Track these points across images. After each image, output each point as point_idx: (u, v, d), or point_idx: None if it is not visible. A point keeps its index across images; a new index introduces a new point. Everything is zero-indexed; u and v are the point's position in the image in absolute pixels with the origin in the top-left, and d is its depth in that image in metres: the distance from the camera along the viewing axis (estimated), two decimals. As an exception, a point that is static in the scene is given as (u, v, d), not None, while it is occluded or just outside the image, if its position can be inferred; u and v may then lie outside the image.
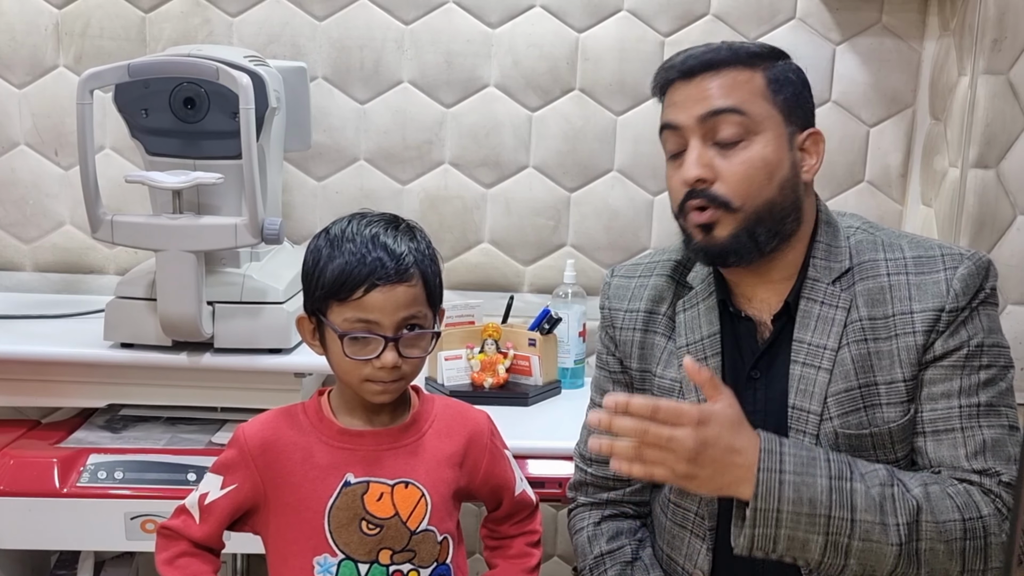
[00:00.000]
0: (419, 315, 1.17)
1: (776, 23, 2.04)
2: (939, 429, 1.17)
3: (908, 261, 1.21)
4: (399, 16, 2.04)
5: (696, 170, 1.18)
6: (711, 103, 1.18)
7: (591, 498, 1.38)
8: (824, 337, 1.21)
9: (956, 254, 1.21)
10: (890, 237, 1.25)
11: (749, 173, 1.18)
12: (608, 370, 1.37)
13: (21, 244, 2.10)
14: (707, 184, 1.18)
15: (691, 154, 1.19)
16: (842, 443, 1.19)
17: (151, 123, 1.66)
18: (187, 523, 1.21)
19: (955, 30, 1.90)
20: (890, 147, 2.09)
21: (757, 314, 1.26)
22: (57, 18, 2.02)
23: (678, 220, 1.25)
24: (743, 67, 1.20)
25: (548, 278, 2.11)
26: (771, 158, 1.19)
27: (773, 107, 1.20)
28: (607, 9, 2.03)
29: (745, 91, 1.19)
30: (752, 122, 1.18)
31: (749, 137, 1.18)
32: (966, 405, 1.17)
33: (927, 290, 1.19)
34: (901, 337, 1.18)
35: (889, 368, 1.19)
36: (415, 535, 1.20)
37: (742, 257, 1.20)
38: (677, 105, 1.21)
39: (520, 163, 2.09)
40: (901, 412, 1.18)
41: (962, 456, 1.16)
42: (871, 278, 1.22)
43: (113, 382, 1.75)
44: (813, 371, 1.20)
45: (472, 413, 1.30)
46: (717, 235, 1.19)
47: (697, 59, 1.20)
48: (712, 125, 1.18)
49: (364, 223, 1.18)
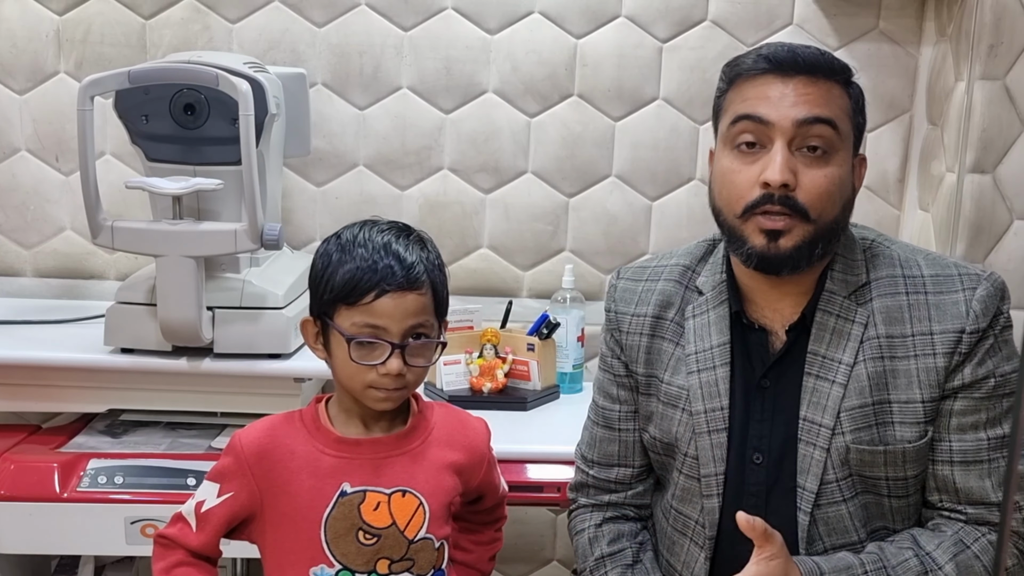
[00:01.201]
0: (426, 324, 1.18)
1: (774, 29, 2.05)
2: (968, 460, 1.19)
3: (926, 280, 1.21)
4: (398, 22, 2.04)
5: (785, 174, 1.14)
6: (812, 109, 1.15)
7: (592, 500, 1.38)
8: (839, 351, 1.20)
9: (973, 274, 1.21)
10: (905, 251, 1.25)
11: (830, 188, 1.16)
12: (612, 373, 1.37)
13: (22, 250, 2.10)
14: (789, 191, 1.15)
15: (778, 156, 1.15)
16: (853, 458, 1.19)
17: (151, 129, 1.66)
18: (184, 531, 1.20)
19: (952, 35, 1.90)
20: (887, 152, 2.09)
21: (770, 324, 1.26)
22: (58, 24, 2.03)
23: (733, 220, 1.20)
24: (836, 81, 1.18)
25: (547, 283, 2.11)
26: (844, 177, 1.19)
27: (852, 128, 1.20)
28: (605, 15, 2.04)
29: (838, 106, 1.17)
30: (839, 139, 1.17)
31: (833, 152, 1.17)
32: (993, 437, 1.19)
33: (946, 311, 1.19)
34: (921, 358, 1.19)
35: (906, 387, 1.19)
36: (413, 544, 1.20)
37: (796, 268, 1.19)
38: (771, 100, 1.16)
39: (519, 168, 2.10)
40: (917, 433, 1.19)
41: (989, 488, 1.19)
42: (889, 295, 1.21)
43: (113, 387, 1.75)
44: (827, 384, 1.20)
45: (472, 422, 1.30)
46: (783, 244, 1.16)
47: (800, 59, 1.16)
48: (805, 132, 1.15)
49: (376, 230, 1.18)
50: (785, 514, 1.22)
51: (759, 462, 1.24)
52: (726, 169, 1.20)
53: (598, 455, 1.37)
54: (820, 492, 1.20)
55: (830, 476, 1.20)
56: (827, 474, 1.20)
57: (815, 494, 1.20)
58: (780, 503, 1.23)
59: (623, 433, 1.36)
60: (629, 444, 1.35)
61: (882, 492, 1.21)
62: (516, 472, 1.65)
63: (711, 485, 1.25)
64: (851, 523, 1.21)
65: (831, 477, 1.20)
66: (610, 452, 1.36)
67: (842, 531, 1.21)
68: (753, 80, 1.18)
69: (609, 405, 1.37)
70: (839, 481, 1.20)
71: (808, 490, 1.20)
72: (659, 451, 1.32)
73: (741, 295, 1.27)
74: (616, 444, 1.36)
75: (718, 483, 1.25)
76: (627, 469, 1.36)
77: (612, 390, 1.37)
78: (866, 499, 1.21)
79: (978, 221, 1.81)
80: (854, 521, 1.21)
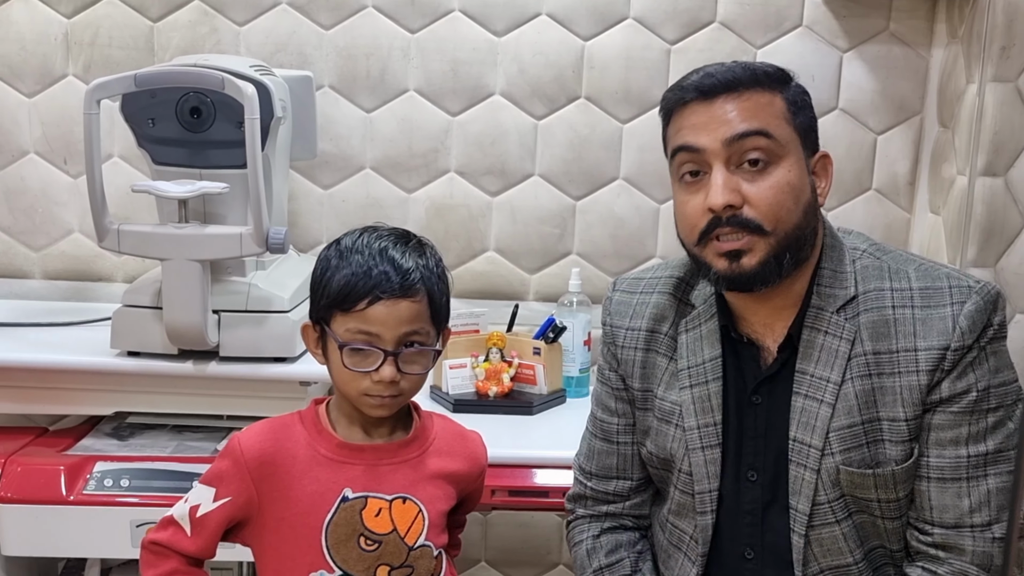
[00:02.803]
0: (421, 332, 1.17)
1: (783, 30, 2.04)
2: (945, 477, 1.15)
3: (915, 293, 1.17)
4: (405, 25, 2.04)
5: (726, 195, 1.12)
6: (737, 125, 1.13)
7: (590, 511, 1.37)
8: (827, 369, 1.18)
9: (964, 287, 1.16)
10: (896, 262, 1.21)
11: (779, 197, 1.13)
12: (610, 386, 1.36)
13: (30, 252, 2.11)
14: (735, 210, 1.14)
15: (717, 179, 1.13)
16: (844, 480, 1.17)
17: (157, 133, 1.67)
18: (177, 536, 1.19)
19: (963, 37, 1.89)
20: (898, 155, 2.08)
21: (760, 339, 1.24)
22: (66, 27, 2.03)
23: (693, 249, 1.19)
24: (764, 89, 1.16)
25: (553, 286, 2.10)
26: (796, 182, 1.15)
27: (793, 131, 1.17)
28: (613, 17, 2.03)
29: (768, 114, 1.15)
30: (778, 145, 1.14)
31: (775, 161, 1.14)
32: (974, 455, 1.15)
33: (933, 326, 1.15)
34: (904, 375, 1.15)
35: (892, 405, 1.16)
36: (413, 550, 1.19)
37: (766, 283, 1.16)
38: (697, 127, 1.15)
39: (526, 171, 2.09)
40: (904, 452, 1.16)
41: (965, 507, 1.15)
42: (875, 310, 1.18)
43: (120, 390, 1.75)
44: (815, 404, 1.18)
45: (471, 435, 1.31)
46: (745, 263, 1.14)
47: (717, 79, 1.15)
48: (738, 148, 1.13)
49: (375, 236, 1.18)
50: (781, 532, 1.21)
51: (754, 479, 1.23)
52: (678, 202, 1.20)
53: (596, 467, 1.36)
54: (813, 513, 1.18)
55: (822, 497, 1.18)
56: (819, 495, 1.18)
57: (807, 515, 1.18)
58: (776, 521, 1.21)
59: (621, 446, 1.35)
60: (627, 457, 1.34)
61: (875, 513, 1.19)
62: (522, 477, 1.64)
63: (705, 501, 1.24)
64: (845, 544, 1.19)
65: (823, 498, 1.18)
66: (608, 464, 1.36)
67: (837, 552, 1.19)
68: (682, 111, 1.18)
69: (607, 418, 1.36)
70: (831, 503, 1.18)
71: (801, 511, 1.18)
72: (656, 466, 1.31)
73: (731, 311, 1.25)
74: (614, 457, 1.35)
75: (712, 499, 1.23)
76: (625, 482, 1.35)
77: (610, 403, 1.36)
78: (860, 519, 1.19)
79: (989, 225, 1.79)
80: (848, 542, 1.19)
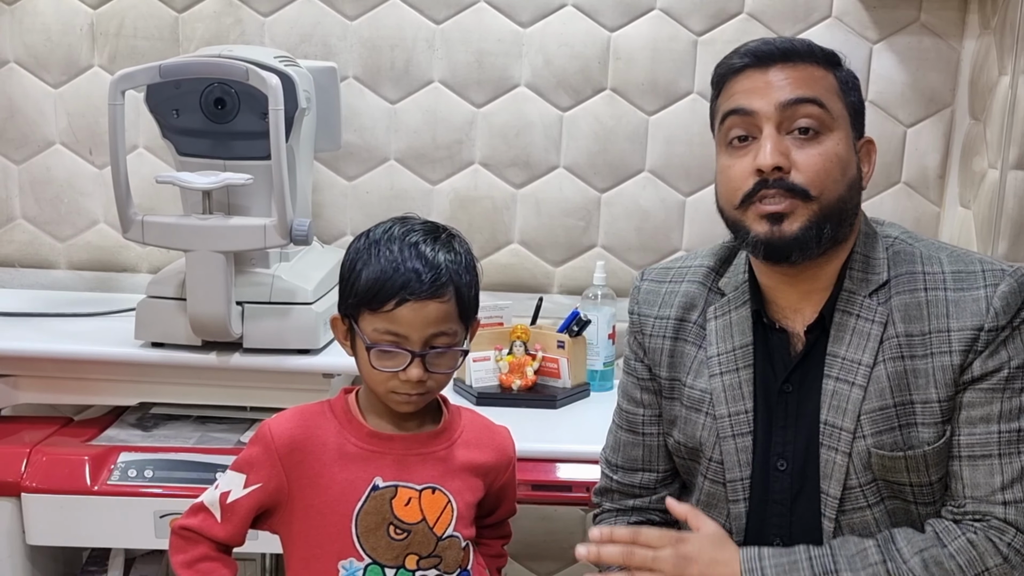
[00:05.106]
0: (449, 332, 1.16)
1: (811, 21, 2.01)
2: (976, 455, 1.15)
3: (947, 276, 1.18)
4: (430, 15, 2.03)
5: (775, 157, 1.13)
6: (792, 91, 1.15)
7: (617, 504, 1.37)
8: (859, 352, 1.18)
9: (997, 270, 1.17)
10: (929, 249, 1.21)
11: (827, 166, 1.15)
12: (636, 376, 1.35)
13: (56, 242, 2.12)
14: (783, 173, 1.15)
15: (767, 141, 1.14)
16: (875, 463, 1.16)
17: (182, 123, 1.67)
18: (208, 522, 1.19)
19: (996, 28, 1.86)
20: (928, 148, 2.05)
21: (791, 325, 1.23)
22: (92, 18, 2.04)
23: (733, 213, 1.19)
24: (818, 65, 1.18)
25: (578, 279, 2.09)
26: (844, 155, 1.17)
27: (844, 108, 1.19)
28: (639, 8, 2.01)
29: (822, 86, 1.17)
30: (829, 117, 1.16)
31: (825, 132, 1.16)
32: (1006, 431, 1.14)
33: (966, 308, 1.15)
34: (937, 356, 1.15)
35: (925, 387, 1.16)
36: (441, 541, 1.19)
37: (805, 253, 1.16)
38: (751, 92, 1.17)
39: (551, 163, 2.08)
40: (936, 434, 1.16)
41: (997, 484, 1.14)
42: (908, 292, 1.18)
43: (144, 381, 1.76)
44: (847, 387, 1.18)
45: (498, 428, 1.31)
46: (787, 228, 1.15)
47: (775, 46, 1.17)
48: (791, 114, 1.15)
49: (405, 229, 1.17)
50: (810, 521, 1.20)
51: (783, 469, 1.22)
52: (722, 167, 1.21)
53: (622, 459, 1.36)
54: (844, 498, 1.17)
55: (853, 481, 1.17)
56: (850, 479, 1.17)
57: (839, 499, 1.17)
58: (805, 510, 1.21)
59: (647, 437, 1.34)
60: (653, 448, 1.34)
61: (908, 498, 1.18)
62: (545, 471, 1.63)
63: (737, 490, 1.23)
64: (877, 530, 1.18)
65: (854, 482, 1.17)
66: (634, 456, 1.35)
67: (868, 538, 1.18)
68: (735, 78, 1.19)
69: (633, 409, 1.35)
70: (863, 487, 1.17)
71: (832, 496, 1.18)
72: (684, 456, 1.31)
73: (762, 296, 1.25)
74: (640, 448, 1.34)
75: (744, 487, 1.23)
76: (651, 474, 1.34)
77: (636, 394, 1.35)
78: (892, 505, 1.18)
79: (1021, 218, 1.76)
80: (880, 527, 1.18)
